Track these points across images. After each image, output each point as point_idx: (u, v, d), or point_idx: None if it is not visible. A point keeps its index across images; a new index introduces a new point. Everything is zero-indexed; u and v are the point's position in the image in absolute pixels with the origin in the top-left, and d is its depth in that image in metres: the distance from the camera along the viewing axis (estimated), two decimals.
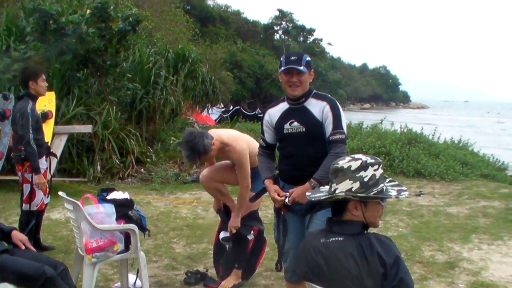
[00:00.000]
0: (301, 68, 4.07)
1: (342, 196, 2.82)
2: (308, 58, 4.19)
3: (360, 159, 2.88)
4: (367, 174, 2.83)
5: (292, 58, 4.13)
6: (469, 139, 16.73)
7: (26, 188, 6.44)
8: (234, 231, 5.46)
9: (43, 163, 6.53)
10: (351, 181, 2.81)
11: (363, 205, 2.84)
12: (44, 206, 6.74)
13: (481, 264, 6.40)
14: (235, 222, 5.46)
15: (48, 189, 6.68)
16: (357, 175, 2.82)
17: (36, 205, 6.50)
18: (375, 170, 2.85)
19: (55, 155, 7.26)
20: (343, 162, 2.88)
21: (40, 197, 6.51)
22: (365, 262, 2.66)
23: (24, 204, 6.49)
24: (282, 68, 4.12)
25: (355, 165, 2.84)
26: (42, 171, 6.45)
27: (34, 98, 6.51)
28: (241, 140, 5.40)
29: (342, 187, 2.82)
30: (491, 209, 9.33)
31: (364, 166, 2.84)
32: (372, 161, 2.88)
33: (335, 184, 2.87)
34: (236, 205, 5.51)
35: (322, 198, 3.02)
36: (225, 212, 5.79)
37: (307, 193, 3.33)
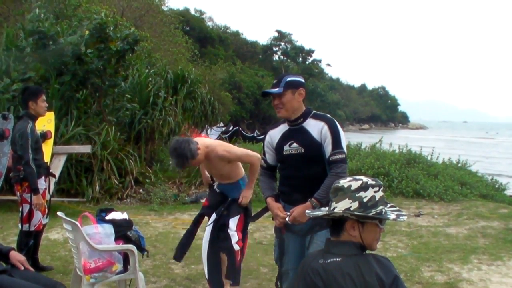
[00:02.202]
0: (274, 90, 4.10)
1: (339, 214, 2.82)
2: (291, 78, 4.18)
3: (361, 179, 2.87)
4: (366, 195, 2.82)
5: (274, 82, 4.20)
6: (467, 159, 16.73)
7: (25, 208, 6.42)
8: (245, 202, 5.49)
9: (42, 183, 6.52)
10: (350, 201, 2.81)
11: (361, 225, 2.82)
12: (42, 227, 6.72)
13: (481, 285, 6.38)
14: (248, 193, 5.53)
15: (46, 210, 6.68)
16: (357, 195, 2.81)
17: (34, 225, 6.47)
18: (375, 192, 2.85)
19: (54, 175, 7.25)
20: (344, 182, 2.88)
21: (38, 217, 6.49)
22: (363, 283, 2.65)
23: (23, 225, 6.46)
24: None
25: (355, 185, 2.84)
26: (41, 191, 6.44)
27: (33, 118, 6.51)
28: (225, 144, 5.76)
29: (341, 206, 2.82)
30: (490, 230, 9.31)
31: (364, 187, 2.84)
32: (373, 182, 2.88)
33: (334, 202, 2.86)
34: (250, 178, 5.57)
35: (320, 215, 3.02)
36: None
37: (306, 211, 3.33)
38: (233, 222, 5.48)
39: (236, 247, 5.45)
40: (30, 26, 11.79)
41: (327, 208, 3.00)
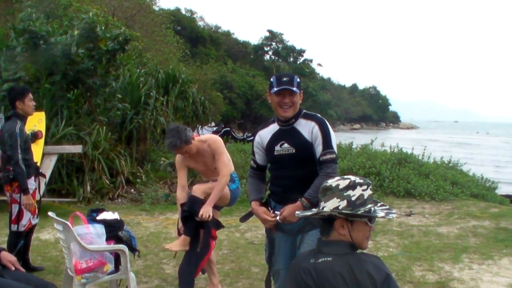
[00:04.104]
0: (294, 88, 4.04)
1: (327, 213, 2.82)
2: (298, 79, 4.17)
3: (349, 178, 2.89)
4: (355, 193, 2.83)
5: (284, 79, 4.09)
6: (459, 158, 16.77)
7: (15, 208, 6.39)
8: (205, 216, 5.36)
9: (31, 183, 6.48)
10: (339, 199, 2.82)
11: (350, 224, 2.83)
12: (32, 227, 6.69)
13: (472, 284, 6.40)
14: (208, 209, 5.41)
15: (37, 210, 6.65)
16: (345, 194, 2.82)
17: (24, 225, 6.44)
18: (363, 190, 2.86)
19: (43, 175, 7.21)
20: (332, 181, 2.89)
21: (28, 217, 6.45)
22: (354, 282, 2.65)
23: (12, 225, 6.43)
24: (275, 89, 4.06)
25: (343, 184, 2.85)
26: (31, 191, 6.40)
27: (22, 118, 6.48)
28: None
29: (330, 205, 2.83)
30: (481, 229, 9.34)
31: (352, 186, 2.85)
32: (361, 181, 2.89)
33: (323, 202, 2.87)
34: (213, 193, 5.49)
35: (308, 215, 3.03)
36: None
37: (296, 212, 3.34)
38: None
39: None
40: (21, 26, 11.73)
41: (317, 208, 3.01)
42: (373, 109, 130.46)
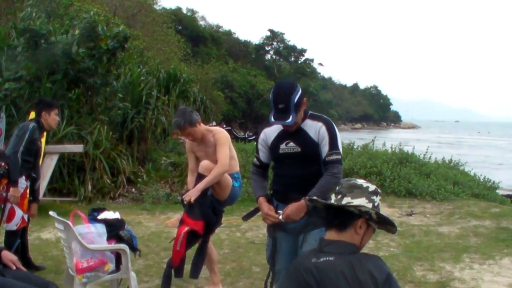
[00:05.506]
0: (289, 121, 3.97)
1: (366, 209, 2.81)
2: (297, 98, 4.02)
3: (373, 184, 2.96)
4: (377, 200, 2.90)
5: (280, 106, 3.99)
6: (460, 158, 16.74)
7: (6, 207, 6.32)
8: (187, 199, 5.21)
9: (23, 182, 6.43)
10: (367, 201, 2.85)
11: (366, 226, 2.86)
12: (26, 224, 6.64)
13: (473, 284, 6.40)
14: (194, 192, 5.25)
15: (31, 209, 6.62)
16: (372, 197, 2.87)
17: (16, 224, 6.35)
18: (379, 199, 2.94)
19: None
20: (361, 181, 2.94)
21: (20, 215, 6.36)
22: (356, 281, 2.65)
23: (5, 224, 6.38)
24: (272, 119, 4.06)
25: (372, 187, 2.91)
26: (21, 190, 6.33)
27: (41, 129, 6.54)
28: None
29: (358, 203, 2.83)
30: (482, 229, 9.33)
31: (376, 192, 2.92)
32: (379, 191, 2.97)
33: (349, 197, 2.85)
34: (205, 179, 5.33)
35: (351, 206, 2.85)
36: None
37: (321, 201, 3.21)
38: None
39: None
40: (22, 25, 11.72)
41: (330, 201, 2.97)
42: (374, 109, 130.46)
